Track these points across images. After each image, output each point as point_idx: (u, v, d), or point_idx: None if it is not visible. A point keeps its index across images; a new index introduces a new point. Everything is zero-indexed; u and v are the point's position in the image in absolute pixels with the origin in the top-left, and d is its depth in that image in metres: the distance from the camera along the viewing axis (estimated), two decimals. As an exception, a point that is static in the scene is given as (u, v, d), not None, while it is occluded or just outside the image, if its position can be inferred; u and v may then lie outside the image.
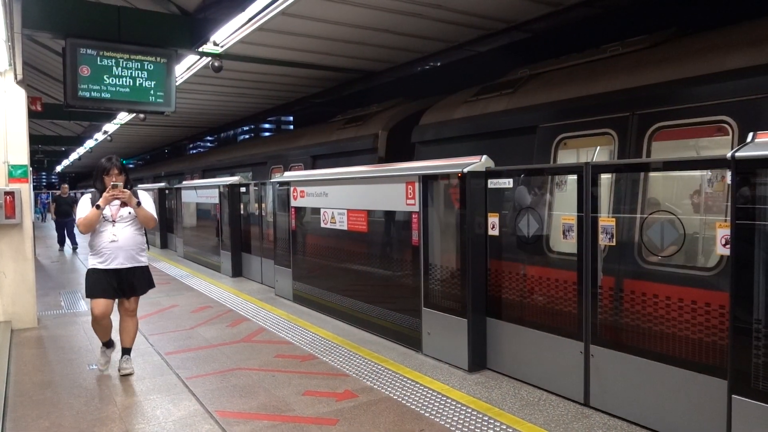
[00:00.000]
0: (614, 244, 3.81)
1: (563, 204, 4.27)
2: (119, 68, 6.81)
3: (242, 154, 14.14)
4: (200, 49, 7.32)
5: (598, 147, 4.67)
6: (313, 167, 9.72)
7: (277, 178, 8.48)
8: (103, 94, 6.77)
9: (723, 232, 3.13)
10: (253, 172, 12.51)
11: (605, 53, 5.52)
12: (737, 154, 2.89)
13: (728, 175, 3.00)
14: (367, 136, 8.56)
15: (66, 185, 15.45)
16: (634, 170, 4.20)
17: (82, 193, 5.49)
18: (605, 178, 4.09)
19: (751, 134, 2.95)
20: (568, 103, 5.28)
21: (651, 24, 5.76)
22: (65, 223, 14.43)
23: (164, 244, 15.37)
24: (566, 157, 5.31)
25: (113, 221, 4.52)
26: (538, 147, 5.41)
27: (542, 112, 5.50)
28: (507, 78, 6.54)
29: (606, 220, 3.86)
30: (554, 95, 5.50)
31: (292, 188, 7.66)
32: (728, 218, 3.07)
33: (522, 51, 7.86)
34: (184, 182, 14.54)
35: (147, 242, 4.84)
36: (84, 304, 7.79)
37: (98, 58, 6.68)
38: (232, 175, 12.24)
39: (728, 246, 3.01)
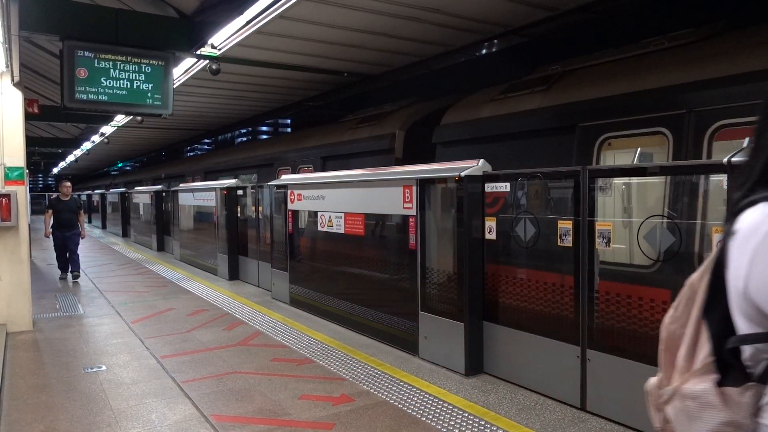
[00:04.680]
0: (610, 248, 3.82)
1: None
2: (116, 70, 6.79)
3: (246, 156, 13.68)
4: (198, 52, 7.31)
5: (649, 148, 4.40)
6: (323, 169, 9.16)
7: (274, 181, 8.45)
8: (100, 97, 6.74)
9: (719, 237, 3.13)
10: (258, 174, 12.18)
11: (649, 47, 5.04)
12: (733, 159, 2.90)
13: (725, 180, 3.01)
14: (383, 135, 7.98)
15: (68, 183, 10.30)
16: (630, 175, 4.20)
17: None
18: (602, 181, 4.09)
19: (747, 139, 2.96)
20: (613, 101, 4.76)
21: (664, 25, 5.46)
22: (67, 239, 9.86)
23: (161, 247, 15.34)
24: (611, 159, 4.89)
25: None
26: (578, 148, 5.02)
27: (582, 109, 5.00)
28: (538, 75, 6.05)
29: (603, 225, 3.86)
30: (596, 92, 4.99)
31: (289, 191, 7.65)
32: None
33: (524, 55, 7.81)
34: (181, 185, 14.47)
35: None
36: (81, 308, 7.75)
37: (95, 61, 6.66)
38: (235, 177, 12.16)
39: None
